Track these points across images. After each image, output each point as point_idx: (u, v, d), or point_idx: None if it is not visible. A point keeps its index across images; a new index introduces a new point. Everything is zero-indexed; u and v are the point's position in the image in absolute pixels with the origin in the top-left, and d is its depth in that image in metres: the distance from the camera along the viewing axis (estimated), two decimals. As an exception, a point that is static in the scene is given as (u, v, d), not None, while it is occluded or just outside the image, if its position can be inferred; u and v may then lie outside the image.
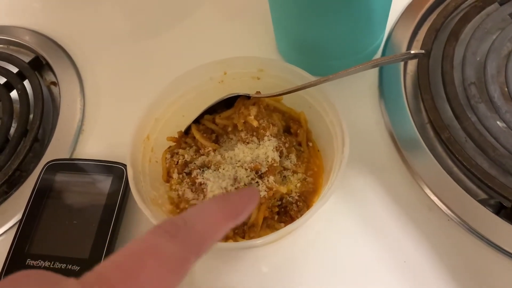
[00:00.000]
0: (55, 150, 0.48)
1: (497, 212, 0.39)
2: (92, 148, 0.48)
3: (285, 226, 0.39)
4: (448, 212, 0.39)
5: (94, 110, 0.50)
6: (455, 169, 0.42)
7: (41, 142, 0.51)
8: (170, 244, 0.22)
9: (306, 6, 0.40)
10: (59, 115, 0.50)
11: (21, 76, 0.52)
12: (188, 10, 0.56)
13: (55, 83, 0.53)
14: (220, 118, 0.44)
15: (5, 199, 0.45)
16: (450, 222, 0.39)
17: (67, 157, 0.47)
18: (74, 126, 0.49)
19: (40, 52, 0.54)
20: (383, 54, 0.48)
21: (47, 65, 0.54)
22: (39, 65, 0.54)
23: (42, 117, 0.49)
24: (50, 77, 0.54)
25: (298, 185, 0.41)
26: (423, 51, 0.34)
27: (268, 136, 0.41)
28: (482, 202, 0.40)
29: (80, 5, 0.60)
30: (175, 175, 0.42)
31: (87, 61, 0.54)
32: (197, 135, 0.43)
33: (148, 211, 0.36)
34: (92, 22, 0.58)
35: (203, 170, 0.41)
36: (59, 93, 0.51)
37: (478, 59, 0.45)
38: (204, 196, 0.39)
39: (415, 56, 0.35)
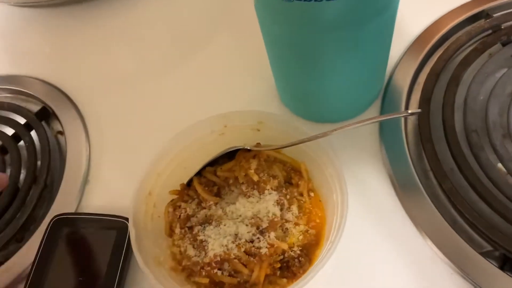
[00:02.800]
0: (63, 201, 0.49)
1: (502, 265, 0.39)
2: (98, 199, 0.48)
3: (287, 281, 0.39)
4: (451, 265, 0.39)
5: (99, 160, 0.51)
6: (459, 218, 0.42)
7: (49, 188, 0.52)
8: None
9: (303, 62, 0.40)
10: (66, 165, 0.51)
11: (28, 127, 0.53)
12: (189, 62, 0.57)
13: (61, 133, 0.54)
14: (221, 171, 0.44)
15: (13, 253, 0.46)
16: (454, 275, 0.39)
17: (74, 208, 0.48)
18: (80, 176, 0.49)
19: (47, 102, 0.55)
20: (383, 99, 0.48)
21: (54, 115, 0.55)
22: (46, 115, 0.55)
23: (49, 168, 0.50)
24: (57, 126, 0.55)
25: (300, 237, 0.41)
26: (419, 110, 0.34)
27: (268, 189, 0.42)
28: (486, 254, 0.39)
29: (86, 56, 0.61)
30: (177, 230, 0.42)
31: (93, 112, 0.55)
32: (199, 189, 0.43)
33: (149, 272, 0.36)
34: (98, 72, 0.59)
35: (204, 227, 0.41)
36: (65, 143, 0.52)
37: (479, 105, 0.45)
38: (206, 253, 0.39)
39: (412, 114, 0.35)
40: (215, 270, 0.38)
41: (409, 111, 0.34)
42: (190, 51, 0.58)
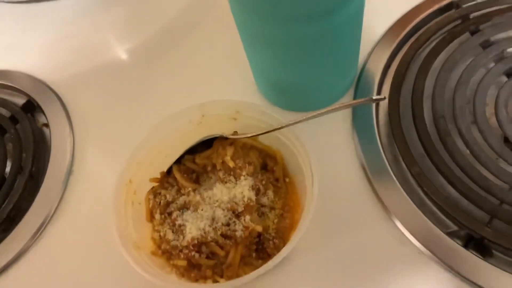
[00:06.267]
0: (47, 191, 0.50)
1: (466, 243, 0.41)
2: (82, 188, 0.50)
3: (262, 262, 0.41)
4: (419, 245, 0.41)
5: (83, 151, 0.52)
6: (427, 201, 0.43)
7: (35, 179, 0.53)
8: None
9: (274, 53, 0.42)
10: (50, 156, 0.52)
11: (14, 119, 0.54)
12: (170, 54, 0.59)
13: (46, 125, 0.55)
14: (200, 158, 0.46)
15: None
16: (421, 255, 0.40)
17: (58, 198, 0.49)
18: (64, 167, 0.51)
19: (32, 96, 0.57)
20: (357, 87, 0.50)
21: (39, 108, 0.57)
22: (31, 108, 0.57)
23: (34, 159, 0.51)
24: (42, 119, 0.57)
25: (276, 221, 0.43)
26: (383, 97, 0.36)
27: (244, 175, 0.43)
28: (453, 234, 0.41)
29: (69, 49, 0.62)
30: (157, 216, 0.44)
31: (77, 104, 0.56)
32: (178, 176, 0.45)
33: (128, 256, 0.38)
34: (80, 65, 0.60)
35: (182, 212, 0.43)
36: (50, 135, 0.54)
37: (447, 92, 0.46)
38: (184, 237, 0.41)
39: (375, 100, 0.36)
40: (193, 253, 0.40)
41: (373, 97, 0.36)
42: (170, 44, 0.59)
